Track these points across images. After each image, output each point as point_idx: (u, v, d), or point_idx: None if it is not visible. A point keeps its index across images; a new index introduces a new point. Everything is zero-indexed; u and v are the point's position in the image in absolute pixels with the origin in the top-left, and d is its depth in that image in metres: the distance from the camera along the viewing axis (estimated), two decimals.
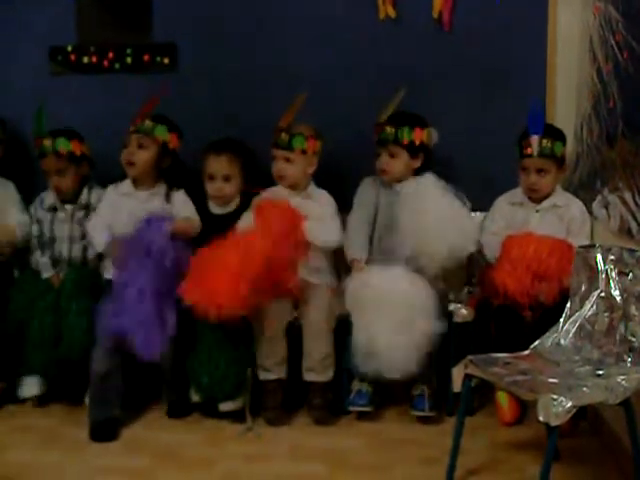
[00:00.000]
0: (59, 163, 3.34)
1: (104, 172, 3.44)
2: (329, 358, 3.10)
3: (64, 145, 3.33)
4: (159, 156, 3.29)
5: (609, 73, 3.01)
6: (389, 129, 3.20)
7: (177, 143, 3.32)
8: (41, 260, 3.34)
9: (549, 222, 3.19)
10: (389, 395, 3.27)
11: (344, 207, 3.33)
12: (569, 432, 2.82)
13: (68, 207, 3.39)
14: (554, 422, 2.19)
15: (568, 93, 3.41)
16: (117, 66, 3.61)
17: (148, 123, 3.25)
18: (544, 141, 3.13)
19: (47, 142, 3.33)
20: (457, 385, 2.97)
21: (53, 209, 3.40)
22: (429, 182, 3.18)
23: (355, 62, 3.51)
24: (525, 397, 2.36)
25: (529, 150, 3.14)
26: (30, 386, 3.22)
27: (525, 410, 3.05)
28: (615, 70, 2.95)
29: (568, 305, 2.66)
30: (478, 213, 3.36)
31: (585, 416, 2.96)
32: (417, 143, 3.20)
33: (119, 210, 3.27)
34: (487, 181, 3.40)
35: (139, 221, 3.11)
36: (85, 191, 3.39)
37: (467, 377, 2.57)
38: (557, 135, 3.19)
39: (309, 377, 3.12)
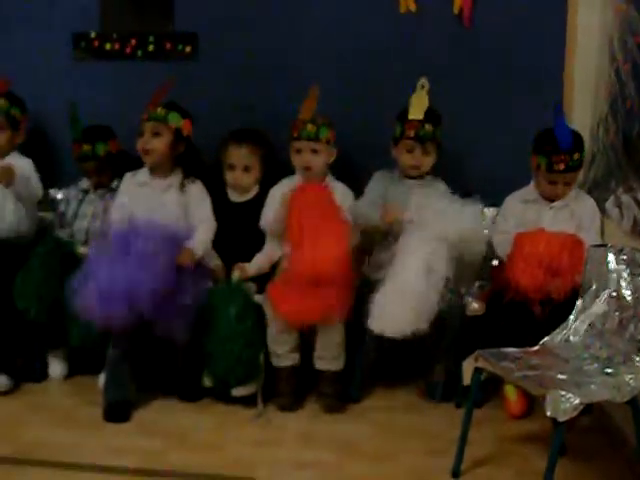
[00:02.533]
0: (99, 165, 3.46)
1: None
2: (340, 347, 3.13)
3: (103, 149, 3.45)
4: (173, 143, 3.31)
5: (627, 73, 3.02)
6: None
7: (190, 129, 3.34)
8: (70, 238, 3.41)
9: (562, 219, 3.20)
10: (398, 384, 3.32)
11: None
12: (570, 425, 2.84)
13: (100, 191, 3.51)
14: (562, 418, 2.22)
15: (586, 92, 3.42)
16: (139, 53, 3.65)
17: (161, 110, 3.27)
18: (575, 155, 3.12)
19: (86, 147, 3.43)
20: (467, 378, 2.98)
21: (85, 191, 3.53)
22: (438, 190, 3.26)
23: (374, 55, 3.52)
24: (534, 392, 2.39)
25: (561, 166, 3.12)
26: (55, 366, 3.36)
27: (532, 403, 3.07)
28: (633, 71, 2.96)
29: (578, 303, 2.69)
30: (492, 208, 3.39)
31: (591, 411, 2.97)
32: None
33: (137, 200, 3.30)
34: (502, 176, 3.40)
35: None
36: (116, 181, 3.48)
37: (477, 370, 2.60)
38: (582, 144, 3.18)
39: (320, 365, 3.16)
